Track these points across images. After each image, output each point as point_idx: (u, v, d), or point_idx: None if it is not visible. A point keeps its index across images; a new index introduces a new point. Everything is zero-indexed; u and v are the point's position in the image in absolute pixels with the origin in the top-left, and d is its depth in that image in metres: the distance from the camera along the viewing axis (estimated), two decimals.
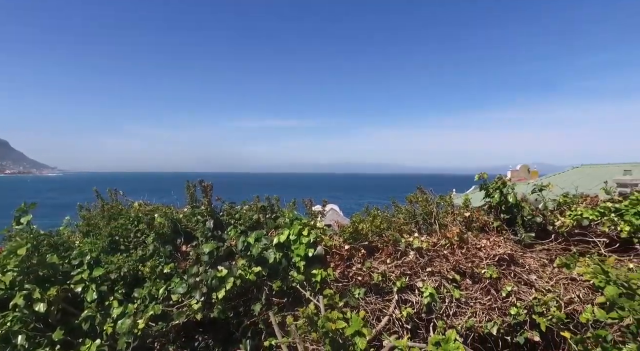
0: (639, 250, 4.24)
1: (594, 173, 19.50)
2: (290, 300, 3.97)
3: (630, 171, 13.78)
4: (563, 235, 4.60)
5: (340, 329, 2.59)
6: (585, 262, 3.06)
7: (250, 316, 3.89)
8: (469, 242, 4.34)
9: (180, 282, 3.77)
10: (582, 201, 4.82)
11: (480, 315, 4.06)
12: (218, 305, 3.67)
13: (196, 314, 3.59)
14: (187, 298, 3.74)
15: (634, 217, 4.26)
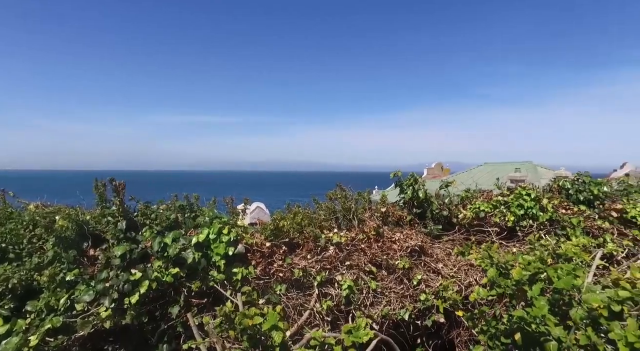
0: (520, 237, 4.94)
1: (494, 170, 22.05)
2: (211, 300, 3.89)
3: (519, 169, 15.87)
4: (465, 226, 5.16)
5: (258, 325, 2.62)
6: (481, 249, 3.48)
7: (168, 320, 3.73)
8: (384, 236, 4.65)
9: (87, 289, 3.48)
10: (480, 196, 5.45)
11: (394, 303, 4.38)
12: (131, 311, 3.46)
13: (104, 322, 3.34)
14: (95, 306, 3.46)
15: (517, 208, 4.94)
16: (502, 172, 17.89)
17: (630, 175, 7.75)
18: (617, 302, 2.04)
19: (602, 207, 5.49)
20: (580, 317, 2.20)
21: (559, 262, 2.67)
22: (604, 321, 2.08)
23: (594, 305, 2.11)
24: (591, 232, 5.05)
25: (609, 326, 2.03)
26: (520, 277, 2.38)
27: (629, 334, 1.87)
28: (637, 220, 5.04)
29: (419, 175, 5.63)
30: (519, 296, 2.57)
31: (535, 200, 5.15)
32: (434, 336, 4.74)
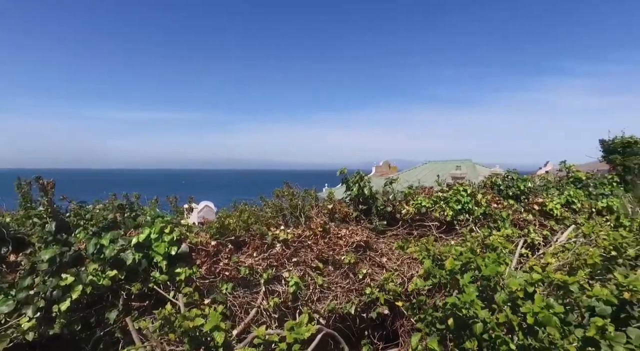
0: (458, 230, 5.29)
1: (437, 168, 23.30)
2: (153, 303, 3.74)
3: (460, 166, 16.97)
4: (408, 221, 5.41)
5: (199, 326, 2.57)
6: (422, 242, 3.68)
7: (105, 326, 3.53)
8: (331, 232, 4.74)
9: (4, 299, 3.18)
10: (422, 192, 5.74)
11: (341, 298, 4.48)
12: (61, 319, 3.22)
13: (26, 334, 3.07)
14: (15, 317, 3.18)
15: (455, 203, 5.27)
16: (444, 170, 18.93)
17: (549, 173, 8.57)
18: (530, 284, 2.27)
19: (527, 201, 6.03)
20: (502, 300, 2.41)
21: (487, 252, 2.91)
22: (521, 301, 2.30)
23: (513, 288, 2.33)
24: (518, 223, 5.53)
25: (524, 304, 2.25)
26: (452, 267, 2.56)
27: (535, 307, 2.10)
28: (554, 212, 5.60)
29: (368, 173, 5.81)
30: (453, 284, 2.76)
31: (471, 196, 5.53)
32: (379, 328, 4.92)
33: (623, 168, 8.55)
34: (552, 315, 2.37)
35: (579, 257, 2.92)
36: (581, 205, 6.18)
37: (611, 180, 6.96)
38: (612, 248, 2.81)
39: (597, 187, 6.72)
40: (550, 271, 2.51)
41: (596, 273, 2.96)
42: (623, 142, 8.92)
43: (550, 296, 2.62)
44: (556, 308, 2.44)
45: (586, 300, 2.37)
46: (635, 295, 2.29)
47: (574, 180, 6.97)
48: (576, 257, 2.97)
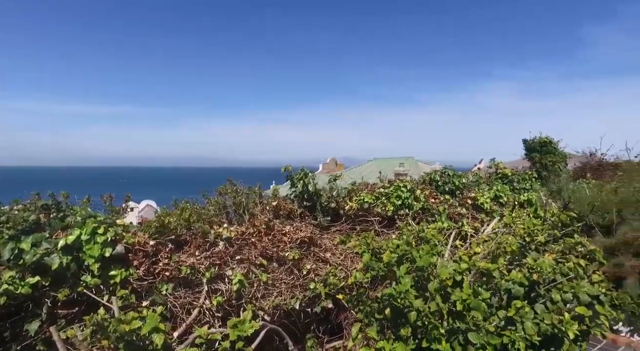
0: (398, 224, 5.54)
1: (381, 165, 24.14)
2: (83, 309, 3.50)
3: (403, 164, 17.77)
4: (351, 217, 5.57)
5: (136, 329, 2.47)
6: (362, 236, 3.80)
7: (24, 339, 3.24)
8: (275, 229, 4.74)
9: None
10: (365, 188, 5.93)
11: (285, 293, 4.51)
12: None
13: None
14: None
15: (396, 199, 5.52)
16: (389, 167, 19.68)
17: (481, 169, 9.28)
18: (459, 273, 2.46)
19: (461, 196, 6.47)
20: (434, 289, 2.59)
21: (422, 244, 3.09)
22: (451, 289, 2.49)
23: (444, 277, 2.50)
24: (453, 217, 5.92)
25: (453, 292, 2.44)
26: (389, 259, 2.69)
27: (463, 294, 2.29)
28: (484, 206, 6.08)
29: (316, 170, 5.88)
30: (390, 276, 2.90)
31: (411, 192, 5.82)
32: (324, 322, 5.02)
33: (540, 165, 9.48)
34: (480, 302, 2.60)
35: (500, 246, 3.23)
36: (507, 199, 6.75)
37: (531, 176, 7.69)
38: (527, 235, 3.15)
39: (520, 182, 7.39)
40: (476, 260, 2.74)
41: (514, 259, 3.28)
42: (541, 142, 9.88)
43: (476, 282, 2.86)
44: (483, 294, 2.67)
45: (504, 284, 2.63)
46: (541, 275, 2.58)
47: (501, 176, 7.60)
48: (498, 245, 3.28)
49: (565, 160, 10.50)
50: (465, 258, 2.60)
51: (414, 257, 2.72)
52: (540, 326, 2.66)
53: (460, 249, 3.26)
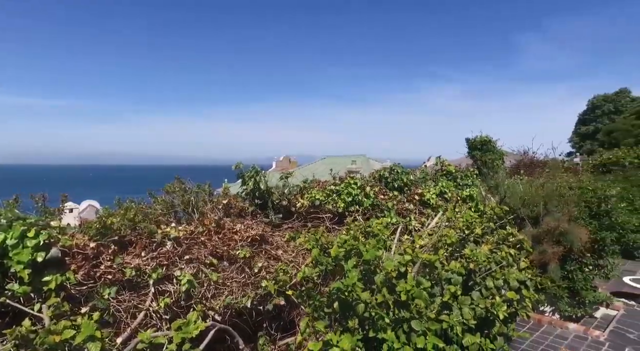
0: (360, 221, 5.69)
1: (334, 163, 24.54)
2: (8, 321, 3.23)
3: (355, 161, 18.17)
4: (302, 214, 5.62)
5: (69, 339, 2.32)
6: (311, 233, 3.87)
7: None
8: (225, 227, 4.67)
9: None
10: (316, 185, 6.01)
11: (236, 292, 4.46)
12: None
13: None
14: None
15: (346, 196, 5.66)
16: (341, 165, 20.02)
17: (427, 166, 9.75)
18: (403, 265, 2.60)
19: (409, 192, 6.76)
20: (380, 281, 2.70)
21: (369, 239, 3.21)
22: (395, 281, 2.61)
23: (389, 269, 2.63)
24: (401, 212, 6.17)
25: (398, 283, 2.56)
26: (336, 254, 2.77)
27: (407, 286, 2.42)
28: (430, 202, 6.41)
29: (269, 167, 5.86)
30: (339, 270, 2.98)
31: (361, 189, 5.99)
32: (276, 319, 5.03)
33: (481, 162, 10.14)
34: (422, 291, 2.75)
35: (442, 238, 3.45)
36: (451, 195, 7.16)
37: (472, 173, 8.22)
38: (466, 228, 3.39)
39: (462, 179, 7.86)
40: (419, 252, 2.91)
41: (455, 250, 3.51)
42: (481, 141, 10.58)
43: (419, 273, 3.02)
44: (424, 284, 2.83)
45: (444, 274, 2.81)
46: (477, 265, 2.79)
47: (446, 173, 8.04)
48: (439, 238, 3.50)
49: (503, 158, 11.32)
50: (409, 250, 2.75)
51: (361, 251, 2.82)
52: (476, 310, 2.88)
53: (404, 243, 3.43)
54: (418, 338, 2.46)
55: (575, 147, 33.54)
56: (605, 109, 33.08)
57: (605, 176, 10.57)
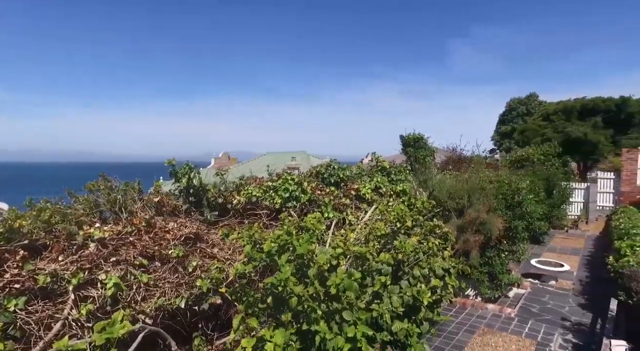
0: (294, 216, 5.72)
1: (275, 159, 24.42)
2: None
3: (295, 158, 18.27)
4: (239, 211, 5.54)
5: None
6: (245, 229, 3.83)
7: None
8: (157, 226, 4.46)
9: None
10: (253, 182, 5.95)
11: (169, 293, 4.29)
12: None
13: None
14: None
15: (283, 192, 5.67)
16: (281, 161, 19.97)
17: (363, 163, 10.11)
18: (334, 258, 2.68)
19: (345, 187, 6.95)
20: (313, 275, 2.76)
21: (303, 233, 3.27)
22: (327, 273, 2.69)
23: (321, 262, 2.69)
24: (338, 207, 6.33)
25: (329, 276, 2.64)
26: (269, 249, 2.78)
27: (337, 278, 2.51)
28: (366, 196, 6.65)
29: (207, 165, 5.66)
30: (273, 266, 2.99)
31: (298, 185, 6.04)
32: (213, 318, 4.92)
33: (414, 158, 10.73)
34: (353, 282, 2.86)
35: (373, 231, 3.62)
36: (385, 189, 7.48)
37: (405, 168, 8.66)
38: (397, 221, 3.59)
39: (396, 174, 8.26)
40: (350, 245, 3.02)
41: (387, 242, 3.70)
42: (414, 138, 11.19)
43: (352, 266, 3.13)
44: (355, 275, 2.94)
45: (375, 265, 2.95)
46: (405, 255, 2.97)
47: (381, 169, 8.38)
48: (370, 231, 3.67)
49: (434, 154, 12.09)
50: (341, 243, 2.84)
51: (295, 246, 2.86)
52: (404, 298, 3.06)
53: (337, 236, 3.54)
54: (349, 327, 2.56)
55: (497, 145, 36.78)
56: (520, 111, 36.73)
57: (519, 171, 11.74)
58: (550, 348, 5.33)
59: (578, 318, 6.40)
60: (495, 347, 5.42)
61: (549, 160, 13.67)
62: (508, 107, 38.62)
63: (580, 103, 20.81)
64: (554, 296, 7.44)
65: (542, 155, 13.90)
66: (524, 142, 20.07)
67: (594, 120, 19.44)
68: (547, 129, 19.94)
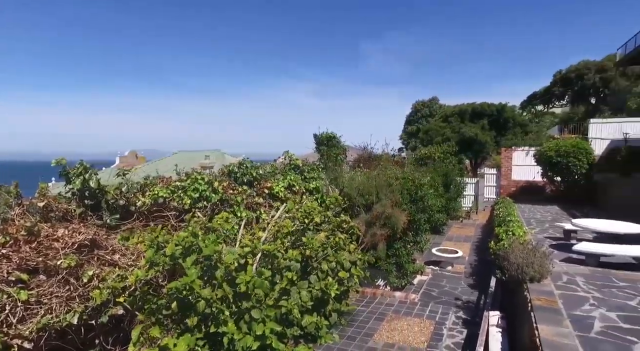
0: (200, 217, 5.50)
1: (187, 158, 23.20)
2: None
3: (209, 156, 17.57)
4: (144, 213, 5.16)
5: None
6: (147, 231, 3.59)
7: None
8: (42, 234, 3.95)
9: None
10: (160, 182, 5.59)
11: (58, 309, 3.82)
12: None
13: None
14: None
15: (193, 192, 5.44)
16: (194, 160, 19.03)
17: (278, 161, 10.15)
18: (242, 257, 2.66)
19: (258, 186, 6.90)
20: (220, 276, 2.70)
21: (210, 234, 3.18)
22: (236, 273, 2.66)
23: (229, 262, 2.65)
24: (251, 206, 6.26)
25: (238, 276, 2.61)
26: (172, 252, 2.65)
27: (246, 277, 2.50)
28: (279, 195, 6.69)
29: (111, 164, 5.13)
30: (179, 269, 2.86)
31: (209, 184, 5.83)
32: (114, 331, 4.52)
33: (327, 156, 11.08)
34: (263, 280, 2.86)
35: (281, 229, 3.67)
36: (298, 187, 7.60)
37: (318, 166, 8.90)
38: (305, 218, 3.68)
39: (309, 172, 8.43)
40: (258, 243, 3.02)
41: (297, 239, 3.77)
42: (327, 137, 11.55)
43: (261, 264, 3.13)
44: (265, 273, 2.95)
45: (283, 262, 3.00)
46: (313, 251, 3.07)
47: (294, 167, 8.49)
48: (278, 228, 3.71)
49: (346, 152, 12.60)
50: (249, 242, 2.83)
51: (201, 247, 2.77)
52: (313, 292, 3.16)
53: (246, 236, 3.51)
54: (257, 325, 2.57)
55: (404, 144, 39.74)
56: (424, 112, 40.22)
57: (422, 168, 12.85)
58: (445, 326, 5.96)
59: (467, 297, 7.25)
60: (401, 331, 5.87)
61: (448, 157, 15.22)
62: (414, 108, 42.03)
63: (472, 107, 23.55)
64: (450, 280, 8.30)
65: (442, 154, 15.41)
66: (428, 141, 22.05)
67: (482, 123, 22.19)
68: (446, 129, 22.18)
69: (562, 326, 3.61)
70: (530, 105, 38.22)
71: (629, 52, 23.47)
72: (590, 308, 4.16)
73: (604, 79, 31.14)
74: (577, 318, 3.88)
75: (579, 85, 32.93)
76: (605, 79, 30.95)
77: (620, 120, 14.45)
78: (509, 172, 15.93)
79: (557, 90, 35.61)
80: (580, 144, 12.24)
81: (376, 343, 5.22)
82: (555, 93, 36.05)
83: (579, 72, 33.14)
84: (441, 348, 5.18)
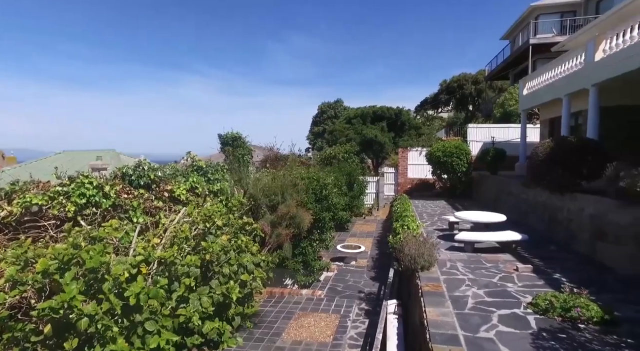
0: (84, 226, 4.91)
1: (74, 159, 20.42)
2: None
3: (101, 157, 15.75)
4: (11, 224, 4.42)
5: None
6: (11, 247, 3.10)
7: None
8: None
9: None
10: (34, 187, 4.85)
11: None
12: None
13: None
14: None
15: (79, 197, 4.85)
16: (83, 161, 16.86)
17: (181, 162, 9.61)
18: (133, 267, 2.47)
19: (157, 189, 6.45)
20: (108, 289, 2.47)
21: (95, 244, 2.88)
22: (126, 285, 2.46)
23: (117, 274, 2.44)
24: (150, 211, 5.81)
25: (128, 287, 2.42)
26: (45, 267, 2.34)
27: (136, 288, 2.33)
28: (181, 197, 6.34)
29: None
30: (55, 286, 2.53)
31: (98, 188, 5.25)
32: None
33: (233, 157, 10.83)
34: (159, 289, 2.69)
35: (178, 234, 3.49)
36: (202, 189, 7.30)
37: (223, 167, 8.65)
38: (205, 221, 3.55)
39: (213, 173, 8.15)
40: (151, 250, 2.83)
41: (198, 243, 3.62)
42: (232, 136, 11.29)
43: (157, 272, 2.95)
44: (161, 282, 2.78)
45: (182, 269, 2.86)
46: (213, 255, 2.99)
47: (197, 168, 8.12)
48: (175, 234, 3.53)
49: (251, 153, 12.46)
50: (142, 251, 2.63)
51: (84, 260, 2.50)
52: (214, 297, 3.08)
53: (140, 243, 3.26)
54: (152, 338, 2.41)
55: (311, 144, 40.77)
56: (329, 114, 41.82)
57: (327, 167, 13.34)
58: (349, 318, 6.30)
59: (370, 289, 7.77)
60: (308, 327, 6.03)
61: (350, 157, 16.06)
62: (320, 109, 43.41)
63: (372, 110, 25.27)
64: (354, 274, 8.79)
65: (345, 153, 16.20)
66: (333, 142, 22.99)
67: (381, 125, 23.96)
68: (349, 131, 23.41)
69: (444, 307, 4.10)
70: (422, 110, 42.57)
71: (492, 69, 27.61)
72: (465, 288, 4.80)
73: (478, 90, 36.30)
74: (456, 298, 4.45)
75: (460, 93, 37.85)
76: (479, 90, 36.09)
77: (489, 126, 16.94)
78: (405, 171, 17.44)
79: (443, 98, 40.30)
80: (461, 146, 13.96)
81: (284, 342, 5.28)
82: (442, 100, 40.72)
83: (459, 82, 38.14)
84: (345, 339, 5.47)
